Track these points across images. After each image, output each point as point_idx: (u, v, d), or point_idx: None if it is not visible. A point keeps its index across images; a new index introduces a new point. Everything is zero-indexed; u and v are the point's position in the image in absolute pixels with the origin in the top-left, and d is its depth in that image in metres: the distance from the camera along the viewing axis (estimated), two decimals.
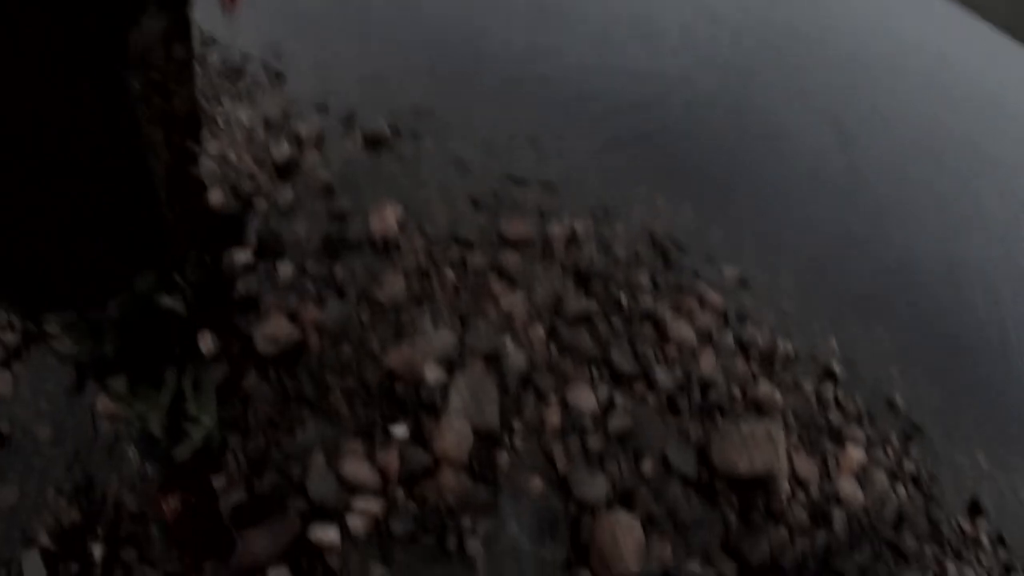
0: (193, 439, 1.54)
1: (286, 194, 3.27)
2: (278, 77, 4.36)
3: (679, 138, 5.57)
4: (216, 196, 3.08)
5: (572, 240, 3.59)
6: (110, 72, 0.99)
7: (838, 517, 2.68)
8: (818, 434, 3.05)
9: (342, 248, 3.10)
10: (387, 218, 3.20)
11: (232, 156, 3.50)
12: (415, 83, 4.86)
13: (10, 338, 2.39)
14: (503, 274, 3.17)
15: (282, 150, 3.52)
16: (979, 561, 2.90)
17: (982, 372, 4.34)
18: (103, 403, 2.22)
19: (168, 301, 1.30)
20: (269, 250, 2.94)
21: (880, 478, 2.96)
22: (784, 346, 3.46)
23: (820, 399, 3.27)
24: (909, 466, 3.15)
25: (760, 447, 2.64)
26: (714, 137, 5.89)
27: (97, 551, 1.90)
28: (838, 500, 2.75)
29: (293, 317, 2.65)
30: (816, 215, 5.28)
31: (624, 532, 2.24)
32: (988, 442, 3.61)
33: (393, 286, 2.88)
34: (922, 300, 4.80)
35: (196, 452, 1.56)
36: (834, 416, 3.19)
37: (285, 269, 2.88)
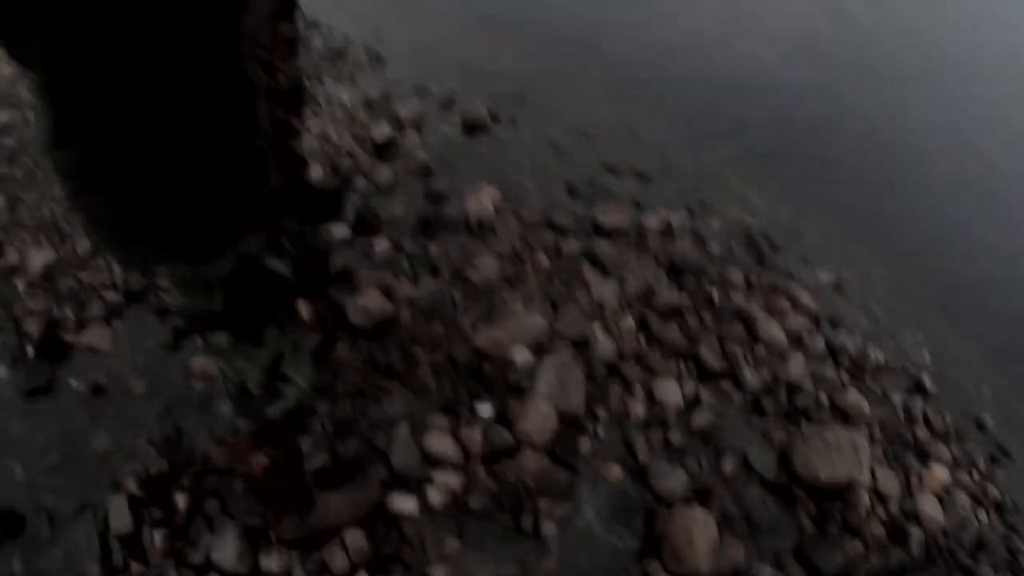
0: (287, 399, 1.59)
1: (384, 173, 3.39)
2: (379, 60, 4.49)
3: (780, 138, 5.45)
4: (316, 172, 3.20)
5: (666, 232, 3.59)
6: (232, 47, 1.06)
7: (915, 536, 2.63)
8: (903, 449, 3.00)
9: (438, 228, 3.18)
10: (483, 201, 3.27)
11: (333, 135, 3.62)
12: (518, 70, 4.93)
13: (112, 296, 2.53)
14: (596, 262, 3.21)
15: (382, 131, 3.64)
16: None
17: None
18: (198, 362, 2.33)
19: (275, 263, 1.36)
20: (366, 226, 3.04)
21: (963, 501, 2.90)
22: (875, 355, 3.40)
23: (908, 413, 3.21)
24: (993, 492, 3.07)
25: (843, 456, 2.62)
26: (817, 140, 5.75)
27: (181, 501, 2.01)
28: (917, 519, 2.70)
29: (387, 292, 2.73)
30: (919, 225, 5.11)
31: (698, 529, 2.25)
32: None
33: (487, 267, 2.94)
34: None
35: (288, 413, 1.62)
36: (921, 432, 3.13)
37: (381, 245, 2.98)
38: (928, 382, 3.42)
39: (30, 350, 2.33)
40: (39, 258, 2.61)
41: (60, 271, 2.60)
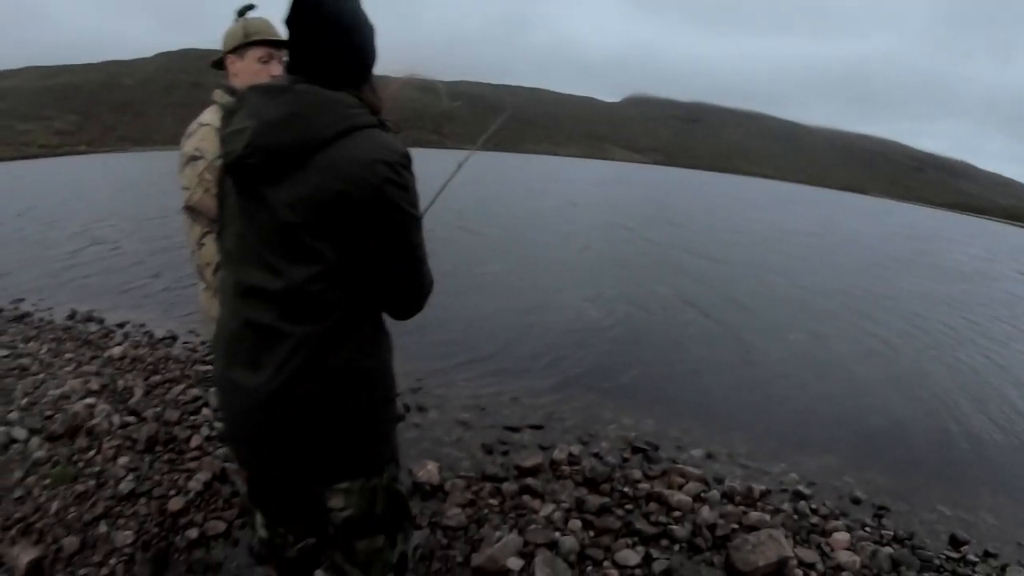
0: None
1: None
2: None
3: (624, 370, 6.94)
4: None
5: (573, 460, 4.49)
6: None
7: None
8: (807, 533, 3.87)
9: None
10: (430, 471, 4.06)
11: None
12: (404, 366, 5.89)
13: None
14: (532, 493, 4.00)
15: None
16: None
17: (920, 450, 5.58)
18: None
19: (400, 486, 1.82)
20: None
21: (868, 547, 3.77)
22: (757, 487, 4.34)
23: (798, 512, 4.13)
24: (887, 532, 4.06)
25: (768, 545, 3.43)
26: (651, 362, 7.36)
27: None
28: (840, 569, 3.52)
29: None
30: (747, 395, 6.56)
31: None
32: (945, 494, 4.72)
33: (456, 516, 3.65)
34: (851, 421, 6.05)
35: None
36: (815, 519, 4.05)
37: None
38: (804, 489, 4.40)
39: None
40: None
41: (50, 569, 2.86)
